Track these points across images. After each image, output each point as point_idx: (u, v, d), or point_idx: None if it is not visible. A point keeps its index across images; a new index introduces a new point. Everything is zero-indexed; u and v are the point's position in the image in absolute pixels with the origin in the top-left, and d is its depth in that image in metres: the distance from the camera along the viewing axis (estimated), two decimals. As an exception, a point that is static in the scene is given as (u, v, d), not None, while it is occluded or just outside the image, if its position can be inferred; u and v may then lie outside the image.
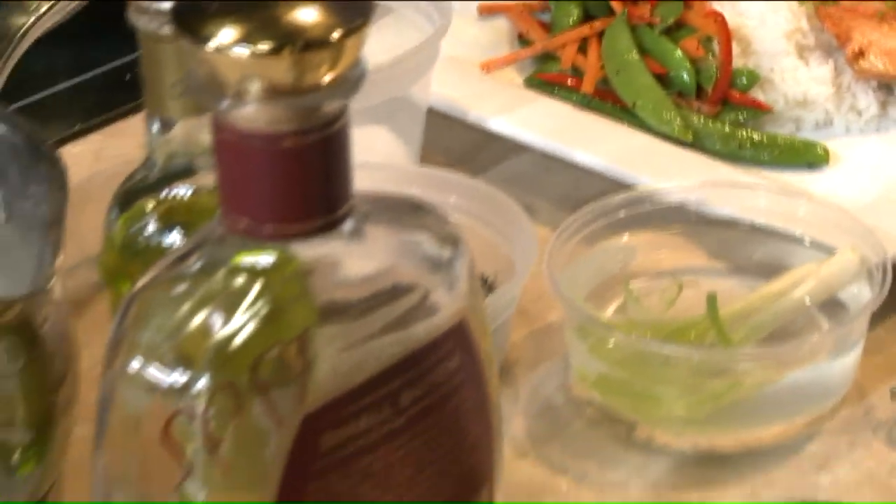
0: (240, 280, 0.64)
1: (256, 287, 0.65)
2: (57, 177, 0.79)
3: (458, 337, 0.68)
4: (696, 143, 1.02)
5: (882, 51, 1.04)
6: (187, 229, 0.75)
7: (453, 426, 0.69)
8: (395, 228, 0.67)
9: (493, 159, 1.05)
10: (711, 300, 0.87)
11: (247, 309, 0.64)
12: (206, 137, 0.74)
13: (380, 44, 0.73)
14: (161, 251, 0.74)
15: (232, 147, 0.62)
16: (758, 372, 0.85)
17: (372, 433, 0.66)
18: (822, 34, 1.07)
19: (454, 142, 1.06)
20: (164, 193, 0.75)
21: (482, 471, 0.71)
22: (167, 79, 0.72)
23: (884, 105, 1.05)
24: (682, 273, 0.92)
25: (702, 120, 1.03)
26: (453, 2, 1.02)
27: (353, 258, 0.65)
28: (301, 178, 0.63)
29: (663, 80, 1.05)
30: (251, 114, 0.61)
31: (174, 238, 0.74)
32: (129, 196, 0.75)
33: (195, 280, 0.65)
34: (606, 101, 1.05)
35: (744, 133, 1.02)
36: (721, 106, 1.04)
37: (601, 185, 0.97)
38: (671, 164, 0.99)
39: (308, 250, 0.64)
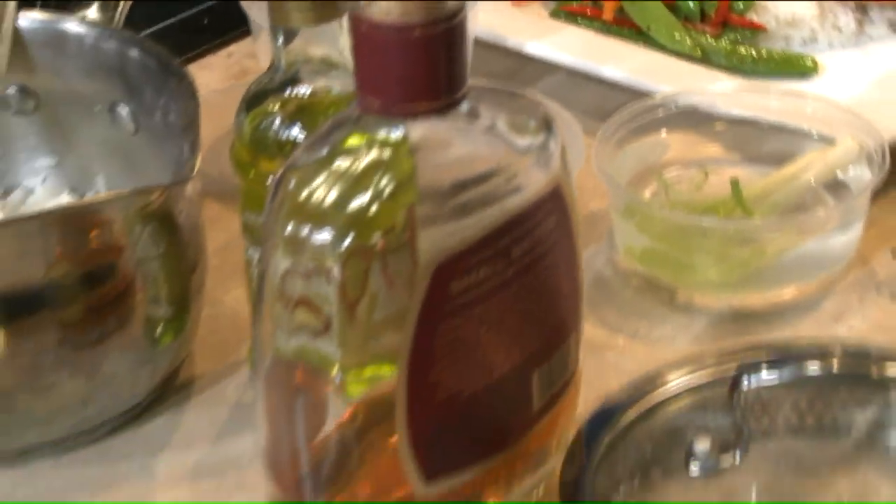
0: (374, 154, 0.67)
1: (387, 160, 0.67)
2: (187, 88, 0.82)
3: (555, 201, 0.70)
4: (704, 58, 1.04)
5: (858, -25, 1.07)
6: (306, 124, 0.77)
7: (551, 278, 0.71)
8: (501, 111, 0.69)
9: (528, 80, 1.08)
10: (735, 183, 0.90)
11: (379, 179, 0.67)
12: (317, 49, 0.77)
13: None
14: (284, 143, 0.76)
15: (368, 38, 0.65)
16: (778, 240, 0.88)
17: (489, 282, 0.68)
18: (807, -38, 1.09)
19: (493, 67, 1.08)
20: (286, 94, 0.77)
21: (571, 321, 0.74)
22: (292, -8, 0.74)
23: (860, 23, 1.08)
24: (707, 163, 0.95)
25: (707, 39, 1.05)
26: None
27: (468, 135, 0.68)
28: (428, 63, 0.65)
29: (671, 7, 1.08)
30: (385, 8, 0.63)
31: (295, 132, 0.76)
32: (256, 98, 0.78)
33: (337, 154, 0.67)
34: (623, 26, 1.08)
35: (744, 49, 1.04)
36: (722, 27, 1.07)
37: (623, 97, 1.00)
38: (685, 75, 1.02)
39: (432, 127, 0.66)
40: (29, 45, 0.87)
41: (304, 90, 0.77)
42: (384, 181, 0.67)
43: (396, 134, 0.67)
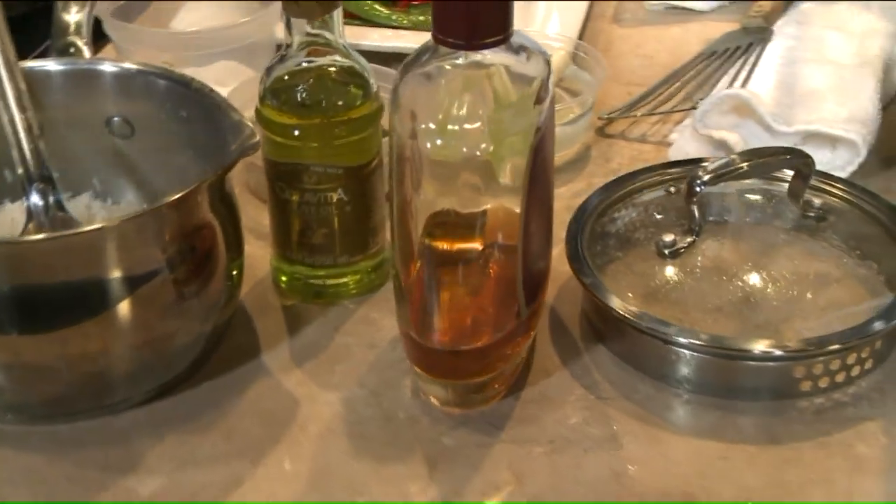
0: (466, 74, 0.61)
1: (471, 79, 0.61)
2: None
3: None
4: (414, 26, 1.00)
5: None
6: (308, 86, 0.70)
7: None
8: (526, 45, 0.63)
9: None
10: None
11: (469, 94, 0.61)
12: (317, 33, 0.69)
13: None
14: (293, 101, 0.70)
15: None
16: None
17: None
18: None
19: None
20: (295, 65, 0.70)
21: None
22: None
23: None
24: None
25: (410, 15, 1.01)
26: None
27: (518, 61, 0.62)
28: (494, 8, 0.59)
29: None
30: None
31: (304, 94, 0.70)
32: (273, 67, 0.70)
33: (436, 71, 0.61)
34: (353, 18, 1.01)
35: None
36: (408, 4, 1.02)
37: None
38: (413, 38, 0.98)
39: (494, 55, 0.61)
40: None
41: (306, 62, 0.70)
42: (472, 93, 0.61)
43: (475, 58, 0.60)
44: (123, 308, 0.63)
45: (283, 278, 0.75)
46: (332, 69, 0.70)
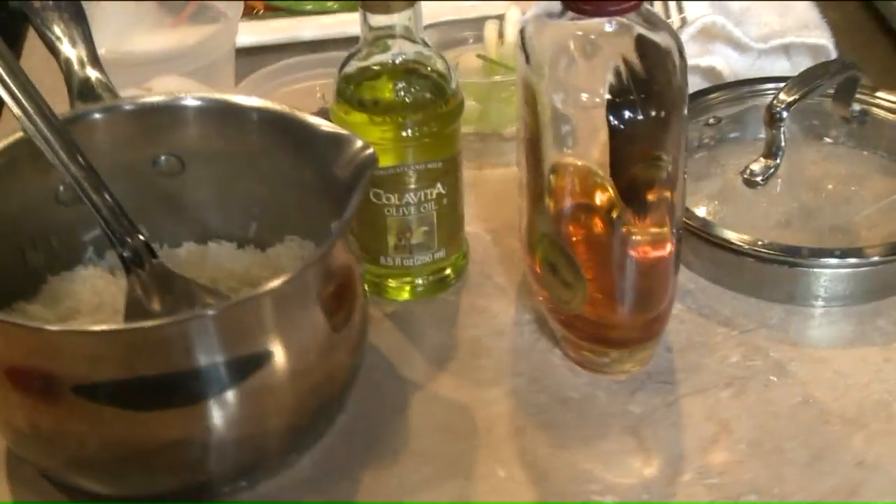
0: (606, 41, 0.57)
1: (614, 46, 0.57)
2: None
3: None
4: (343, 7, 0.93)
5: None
6: (406, 83, 0.64)
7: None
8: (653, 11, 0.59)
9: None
10: (484, 56, 0.84)
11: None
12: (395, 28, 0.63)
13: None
14: (390, 101, 0.64)
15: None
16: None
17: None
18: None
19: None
20: (378, 62, 0.64)
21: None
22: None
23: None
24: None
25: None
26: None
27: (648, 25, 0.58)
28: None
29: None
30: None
31: (402, 91, 0.64)
32: (349, 67, 0.64)
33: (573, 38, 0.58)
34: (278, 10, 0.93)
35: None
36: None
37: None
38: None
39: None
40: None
41: (390, 59, 0.63)
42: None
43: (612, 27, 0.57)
44: (285, 362, 0.55)
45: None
46: (419, 63, 0.63)
